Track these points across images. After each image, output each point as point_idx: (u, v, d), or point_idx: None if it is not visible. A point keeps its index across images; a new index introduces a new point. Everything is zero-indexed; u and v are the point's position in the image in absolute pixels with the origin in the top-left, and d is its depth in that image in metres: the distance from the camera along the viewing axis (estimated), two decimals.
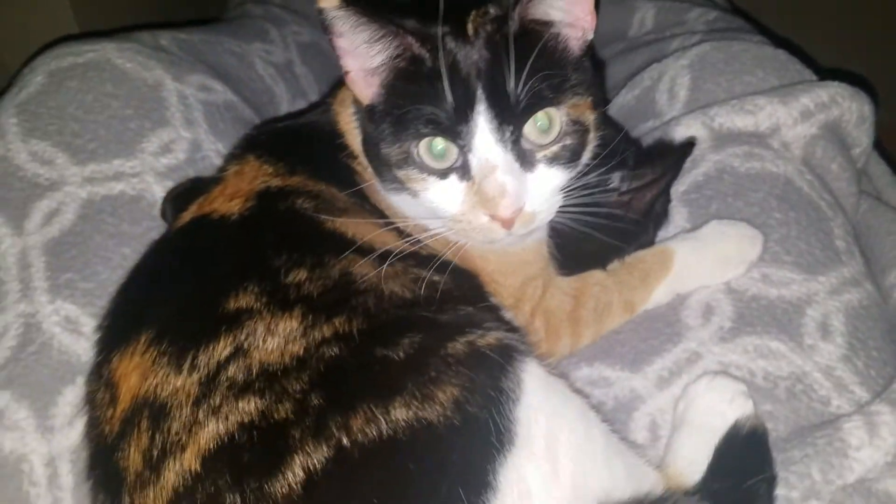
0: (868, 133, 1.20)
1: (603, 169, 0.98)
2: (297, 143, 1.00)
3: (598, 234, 0.98)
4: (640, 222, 1.04)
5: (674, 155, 1.02)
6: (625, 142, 1.07)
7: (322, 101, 1.08)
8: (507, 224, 0.83)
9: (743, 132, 1.14)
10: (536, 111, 0.82)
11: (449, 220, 0.86)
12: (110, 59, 1.16)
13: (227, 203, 0.88)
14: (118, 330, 0.84)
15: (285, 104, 1.52)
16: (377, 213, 0.93)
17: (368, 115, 0.88)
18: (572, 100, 0.84)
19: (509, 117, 0.81)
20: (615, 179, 1.02)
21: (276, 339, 0.73)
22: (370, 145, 0.88)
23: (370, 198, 0.94)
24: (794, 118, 1.12)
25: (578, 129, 0.85)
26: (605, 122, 1.09)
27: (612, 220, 1.01)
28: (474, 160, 0.82)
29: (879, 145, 1.30)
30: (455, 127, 0.81)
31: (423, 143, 0.82)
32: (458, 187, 0.84)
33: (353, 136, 0.95)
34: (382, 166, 0.87)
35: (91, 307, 0.97)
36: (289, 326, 0.74)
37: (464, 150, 0.82)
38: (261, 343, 0.73)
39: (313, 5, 1.79)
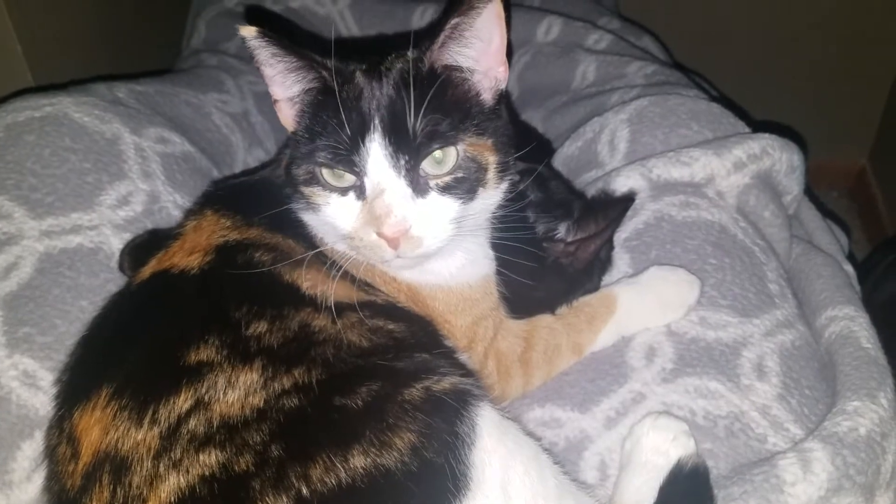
0: (798, 181, 1.28)
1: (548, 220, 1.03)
2: (253, 196, 1.03)
3: (547, 281, 1.03)
4: (586, 270, 1.09)
5: (615, 208, 1.08)
6: (569, 195, 1.13)
7: (276, 157, 1.12)
8: (393, 243, 0.87)
9: (679, 182, 1.20)
10: (433, 147, 0.87)
11: (346, 237, 0.90)
12: (68, 114, 1.18)
13: (187, 258, 0.90)
14: (79, 384, 0.85)
15: (241, 152, 1.54)
16: (331, 262, 0.95)
17: (293, 142, 0.93)
18: (471, 139, 0.89)
19: (405, 149, 0.86)
20: (562, 230, 1.07)
21: (237, 391, 0.75)
22: (291, 170, 0.93)
23: (324, 246, 0.97)
24: (727, 169, 1.19)
25: (474, 166, 0.90)
26: (552, 174, 1.15)
27: (560, 269, 1.06)
28: (368, 182, 0.87)
29: (809, 191, 1.39)
30: (350, 155, 0.86)
31: (325, 167, 0.88)
32: (354, 205, 0.89)
33: None
34: (293, 185, 0.92)
35: (49, 361, 0.98)
36: (249, 378, 0.76)
37: (359, 174, 0.87)
38: (221, 395, 0.75)
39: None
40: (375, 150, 0.85)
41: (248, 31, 0.84)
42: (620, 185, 1.22)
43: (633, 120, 1.31)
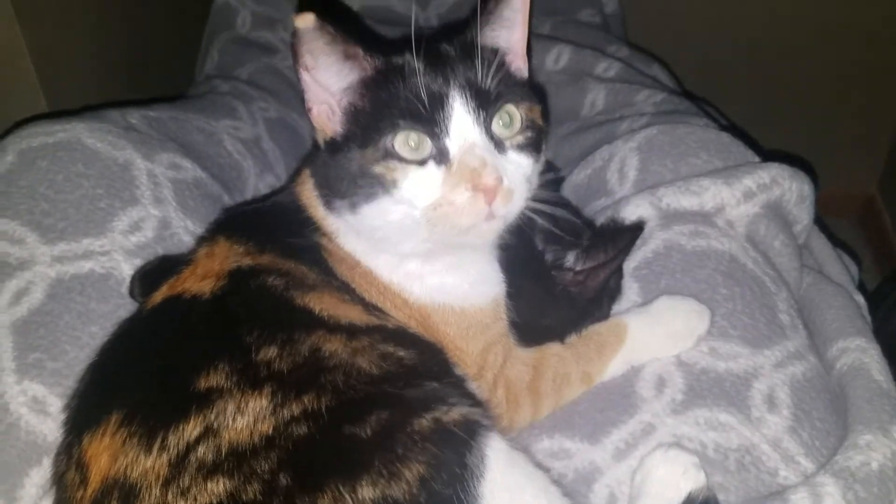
0: (808, 211, 1.28)
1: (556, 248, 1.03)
2: (266, 222, 1.03)
3: (556, 310, 1.03)
4: (595, 299, 1.09)
5: (624, 237, 1.08)
6: (578, 222, 1.13)
7: (285, 185, 1.12)
8: (490, 197, 0.86)
9: (689, 211, 1.20)
10: (504, 102, 0.90)
11: (428, 209, 0.88)
12: (81, 139, 1.19)
13: (199, 283, 0.90)
14: (88, 410, 0.85)
15: (253, 178, 1.55)
16: (344, 287, 0.96)
17: (330, 148, 0.92)
18: (527, 102, 0.94)
19: (483, 103, 0.88)
20: (570, 258, 1.07)
21: (246, 418, 0.75)
22: (335, 175, 0.92)
23: (336, 270, 0.97)
24: (737, 198, 1.19)
25: (534, 126, 0.94)
26: (561, 203, 1.16)
27: (569, 297, 1.06)
28: (452, 143, 0.87)
29: (820, 220, 1.38)
30: (431, 115, 0.86)
31: (400, 135, 0.87)
32: (436, 173, 0.88)
33: (316, 209, 0.99)
34: (355, 178, 0.89)
35: (58, 387, 0.98)
36: (258, 405, 0.76)
37: (440, 137, 0.87)
38: (230, 422, 0.75)
39: (280, 82, 1.85)
40: (458, 108, 0.87)
41: (305, 20, 0.81)
42: (630, 214, 1.22)
43: (642, 148, 1.32)
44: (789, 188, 1.22)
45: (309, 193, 0.99)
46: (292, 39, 0.84)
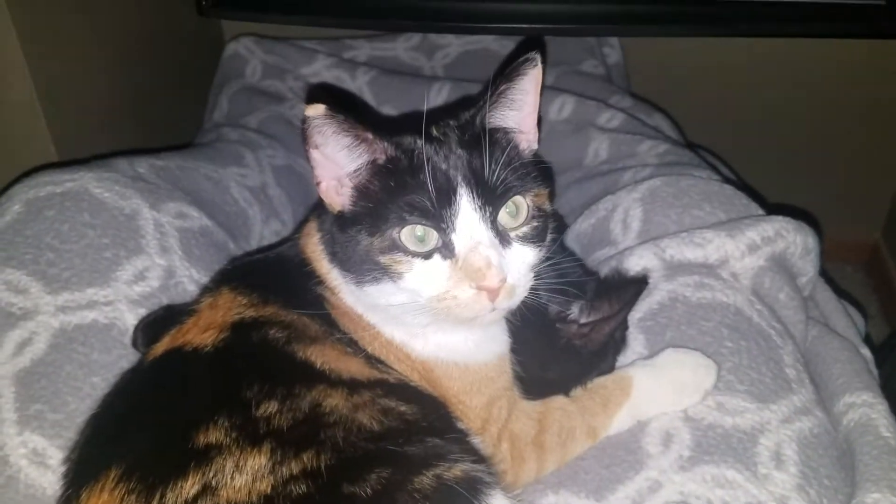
0: (813, 263, 1.27)
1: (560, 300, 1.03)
2: (269, 274, 1.03)
3: (560, 363, 1.02)
4: (600, 351, 1.08)
5: (629, 290, 1.07)
6: (582, 274, 1.13)
7: (290, 236, 1.13)
8: (493, 295, 0.87)
9: (693, 263, 1.20)
10: (511, 196, 0.90)
11: (432, 300, 0.88)
12: (88, 189, 1.20)
13: (201, 335, 0.90)
14: (87, 464, 0.84)
15: (258, 225, 1.56)
16: (346, 339, 0.95)
17: (338, 221, 0.92)
18: (535, 189, 0.93)
19: (489, 201, 0.88)
20: (575, 310, 1.06)
21: (245, 476, 0.74)
22: (342, 248, 0.92)
23: (339, 323, 0.97)
24: (741, 251, 1.19)
25: (541, 214, 0.94)
26: (563, 254, 1.16)
27: (573, 350, 1.05)
28: (458, 239, 0.87)
29: (825, 271, 1.38)
30: (438, 212, 0.86)
31: (407, 229, 0.87)
32: (441, 266, 0.88)
33: (321, 263, 0.99)
34: (361, 260, 0.90)
35: (59, 439, 0.97)
36: (257, 463, 0.75)
37: (446, 231, 0.87)
38: (229, 480, 0.74)
39: (288, 129, 1.87)
40: (465, 205, 0.87)
41: (315, 110, 0.83)
42: (634, 264, 1.22)
43: (645, 199, 1.32)
44: (793, 241, 1.22)
45: (314, 247, 1.00)
46: (302, 125, 0.85)
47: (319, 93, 1.88)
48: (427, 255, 0.88)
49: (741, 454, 1.00)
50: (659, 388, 1.06)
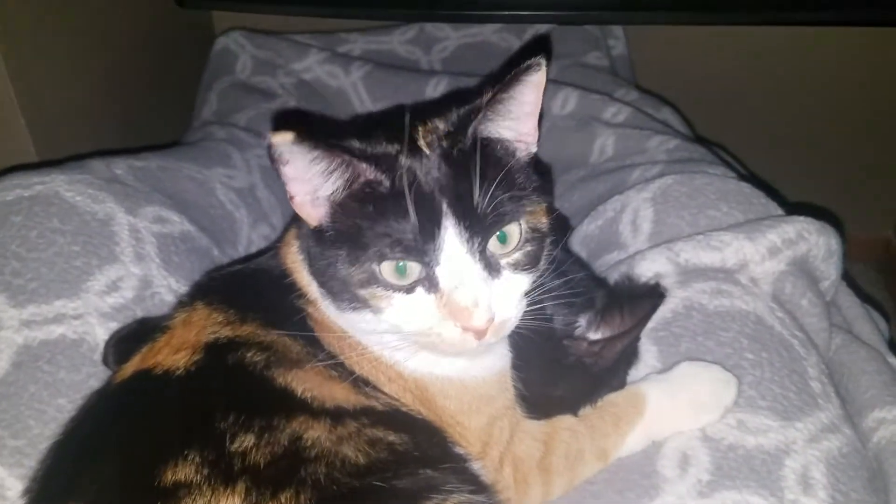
0: (836, 266, 1.19)
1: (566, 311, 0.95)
2: (248, 288, 0.95)
3: (567, 380, 0.94)
4: (610, 368, 1.00)
5: (643, 305, 0.99)
6: (590, 282, 1.04)
7: (272, 245, 1.04)
8: (480, 335, 0.80)
9: (710, 268, 1.12)
10: (502, 226, 0.81)
11: (415, 334, 0.82)
12: (59, 192, 1.12)
13: (173, 356, 0.82)
14: (45, 499, 0.77)
15: (246, 228, 1.48)
16: (331, 358, 0.87)
17: (316, 236, 0.83)
18: (529, 208, 0.84)
19: (477, 232, 0.79)
20: (582, 322, 0.98)
21: None
22: (320, 267, 0.84)
23: (323, 341, 0.89)
24: (761, 254, 1.11)
25: (536, 235, 0.84)
26: (569, 260, 1.07)
27: (582, 367, 0.97)
28: (442, 273, 0.78)
29: (847, 275, 1.30)
30: (421, 245, 0.77)
31: (386, 263, 0.79)
32: (425, 300, 0.80)
33: (301, 274, 0.91)
34: (339, 288, 0.82)
35: (19, 468, 0.89)
36: None
37: (429, 265, 0.78)
38: None
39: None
40: (450, 238, 0.77)
41: (283, 138, 0.73)
42: (645, 270, 1.13)
43: (657, 199, 1.24)
44: (816, 243, 1.14)
45: (294, 256, 0.91)
46: (269, 150, 0.76)
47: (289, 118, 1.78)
48: (409, 289, 0.80)
49: (765, 478, 0.92)
50: (674, 405, 0.98)
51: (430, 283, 0.79)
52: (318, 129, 0.77)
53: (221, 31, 2.01)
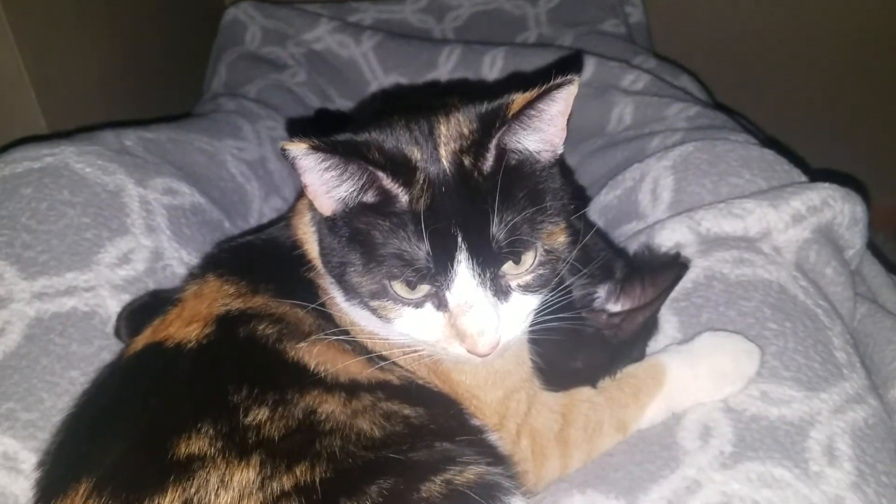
0: (861, 234, 1.16)
1: (585, 282, 0.93)
2: (259, 259, 0.93)
3: (586, 352, 0.92)
4: (630, 340, 0.98)
5: (665, 276, 0.96)
6: (608, 252, 1.02)
7: (284, 215, 1.02)
8: (485, 356, 0.79)
9: (732, 236, 1.09)
10: (517, 255, 0.78)
11: (424, 342, 0.81)
12: (69, 164, 1.11)
13: (184, 328, 0.81)
14: (58, 473, 0.76)
15: (257, 201, 1.47)
16: (343, 332, 0.85)
17: (329, 225, 0.81)
18: (548, 230, 0.80)
19: (490, 261, 0.77)
20: (601, 292, 0.96)
21: (230, 492, 0.66)
22: (333, 264, 0.82)
23: (333, 313, 0.87)
24: (785, 222, 1.08)
25: (551, 258, 0.81)
26: (588, 227, 1.05)
27: (602, 339, 0.95)
28: (452, 298, 0.77)
29: (872, 245, 1.27)
30: (434, 272, 0.76)
31: (398, 281, 0.77)
32: (434, 316, 0.79)
33: (311, 245, 0.89)
34: (350, 291, 0.81)
35: (32, 441, 0.89)
36: (245, 478, 0.67)
37: (440, 288, 0.77)
38: (212, 497, 0.66)
39: (290, 99, 1.76)
40: (463, 271, 0.76)
41: (298, 147, 0.72)
42: (665, 239, 1.11)
43: (677, 167, 1.21)
44: (841, 210, 1.11)
45: (305, 228, 0.89)
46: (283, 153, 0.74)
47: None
48: (418, 304, 0.79)
49: (789, 449, 0.90)
50: (695, 376, 0.96)
51: (440, 301, 0.78)
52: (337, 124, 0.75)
53: (231, 2, 1.99)
